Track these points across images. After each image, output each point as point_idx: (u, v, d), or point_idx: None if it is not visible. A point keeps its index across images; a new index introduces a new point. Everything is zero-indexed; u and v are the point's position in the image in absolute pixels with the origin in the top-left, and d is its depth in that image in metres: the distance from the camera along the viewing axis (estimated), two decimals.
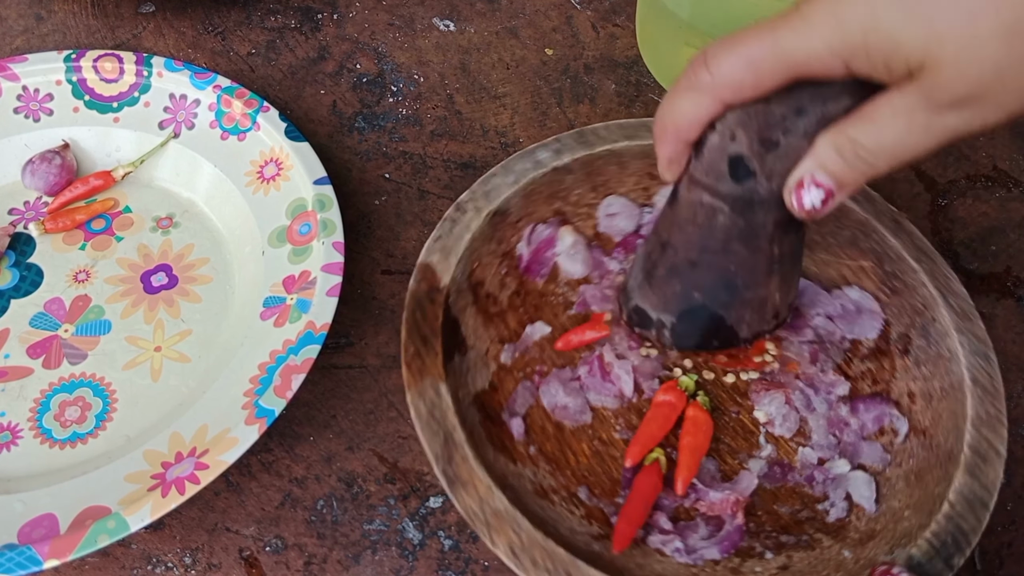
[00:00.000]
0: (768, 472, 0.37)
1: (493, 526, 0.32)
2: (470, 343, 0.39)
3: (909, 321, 0.39)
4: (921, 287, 0.38)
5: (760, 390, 0.39)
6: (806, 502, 0.37)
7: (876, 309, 0.40)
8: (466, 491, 0.33)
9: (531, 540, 0.32)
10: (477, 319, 0.40)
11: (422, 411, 0.35)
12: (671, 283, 0.37)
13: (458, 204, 0.40)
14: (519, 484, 0.36)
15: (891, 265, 0.40)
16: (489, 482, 0.33)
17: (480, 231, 0.40)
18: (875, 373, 0.39)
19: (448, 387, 0.35)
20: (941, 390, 0.37)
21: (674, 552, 0.35)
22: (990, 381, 0.36)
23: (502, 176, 0.41)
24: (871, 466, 0.37)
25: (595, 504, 0.37)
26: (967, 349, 0.36)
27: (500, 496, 0.33)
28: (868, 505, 0.36)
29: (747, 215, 0.33)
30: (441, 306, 0.38)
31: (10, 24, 0.54)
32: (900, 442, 0.37)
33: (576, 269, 0.43)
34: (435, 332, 0.37)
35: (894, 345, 0.39)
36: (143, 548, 0.37)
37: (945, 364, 0.37)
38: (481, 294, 0.40)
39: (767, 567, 0.35)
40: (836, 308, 0.40)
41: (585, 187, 0.43)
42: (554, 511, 0.35)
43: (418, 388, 0.35)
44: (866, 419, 0.38)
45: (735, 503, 0.36)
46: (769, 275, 0.36)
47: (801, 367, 0.39)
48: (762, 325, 0.38)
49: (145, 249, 0.44)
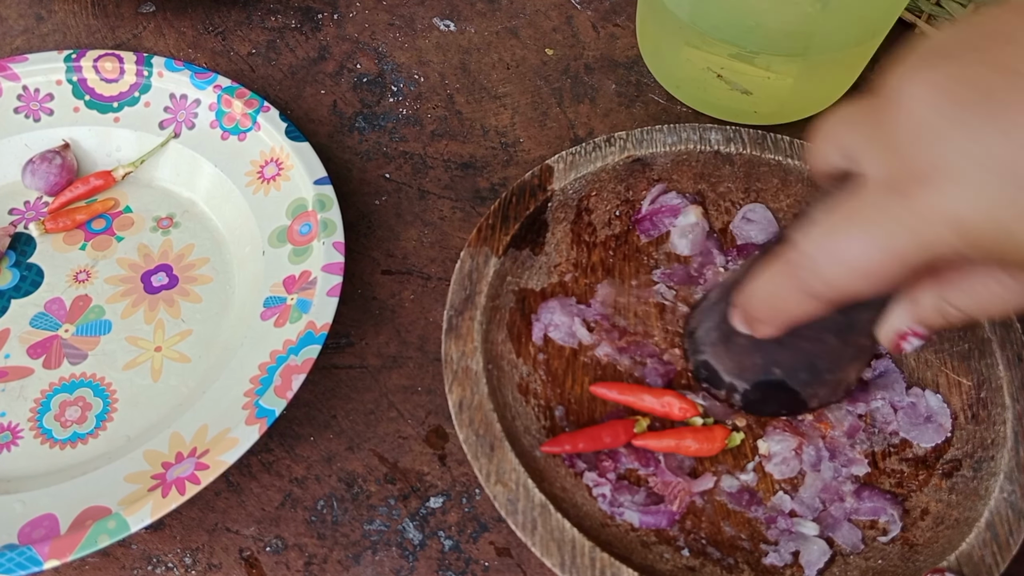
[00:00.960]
0: (735, 493, 0.37)
1: (459, 378, 0.36)
2: (547, 250, 0.41)
3: (970, 451, 0.37)
4: (1002, 425, 0.36)
5: (778, 427, 0.38)
6: (753, 536, 0.36)
7: (946, 426, 0.38)
8: (455, 343, 0.37)
9: (480, 402, 0.35)
10: (567, 236, 0.42)
11: (464, 268, 0.39)
12: (751, 355, 0.36)
13: (609, 137, 0.42)
14: (508, 370, 0.38)
15: (988, 393, 0.38)
16: (479, 347, 0.36)
17: (614, 167, 0.42)
18: (905, 478, 0.37)
19: (497, 263, 0.39)
20: (955, 520, 0.35)
21: (599, 496, 0.36)
22: (1007, 533, 0.33)
23: (665, 134, 0.42)
24: (839, 545, 0.35)
25: (562, 426, 0.38)
26: (1004, 495, 0.34)
27: (479, 361, 0.36)
28: (809, 571, 0.34)
29: (850, 313, 0.31)
30: (538, 203, 0.41)
31: (10, 24, 0.54)
32: (883, 541, 0.35)
33: (683, 246, 0.43)
34: (519, 217, 0.40)
35: (942, 465, 0.37)
36: (143, 548, 0.37)
37: (975, 500, 0.35)
38: (584, 219, 0.42)
39: (677, 561, 0.34)
40: (905, 404, 0.39)
41: (738, 184, 0.43)
42: (523, 408, 0.37)
43: (472, 249, 0.39)
44: (864, 506, 0.36)
45: (682, 492, 0.36)
46: (853, 361, 0.36)
47: (833, 431, 0.38)
48: (832, 398, 0.38)
49: (145, 249, 0.44)
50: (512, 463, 0.34)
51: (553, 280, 0.41)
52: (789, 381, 0.36)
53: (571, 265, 0.42)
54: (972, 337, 0.39)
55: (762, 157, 0.42)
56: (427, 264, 0.45)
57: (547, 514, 0.33)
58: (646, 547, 0.35)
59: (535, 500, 0.33)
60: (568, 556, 0.32)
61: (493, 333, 0.38)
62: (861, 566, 0.35)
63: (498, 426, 0.35)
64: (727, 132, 0.43)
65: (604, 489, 0.36)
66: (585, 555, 0.32)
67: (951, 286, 0.28)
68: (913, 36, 0.55)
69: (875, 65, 0.53)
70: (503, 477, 0.34)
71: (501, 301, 0.39)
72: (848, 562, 0.35)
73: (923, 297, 0.29)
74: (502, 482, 0.34)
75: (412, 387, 0.41)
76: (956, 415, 0.38)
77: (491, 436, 0.35)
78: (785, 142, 0.43)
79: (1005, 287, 0.26)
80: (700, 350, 0.38)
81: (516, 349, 0.39)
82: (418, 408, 0.41)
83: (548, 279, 0.41)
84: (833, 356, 0.35)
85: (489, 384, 0.36)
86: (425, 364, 0.42)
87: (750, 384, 0.37)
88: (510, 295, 0.40)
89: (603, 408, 0.39)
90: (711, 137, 0.43)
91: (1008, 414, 0.36)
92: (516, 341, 0.39)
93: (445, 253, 0.45)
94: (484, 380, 0.36)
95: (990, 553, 0.33)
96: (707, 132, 0.43)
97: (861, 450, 0.38)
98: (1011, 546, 0.33)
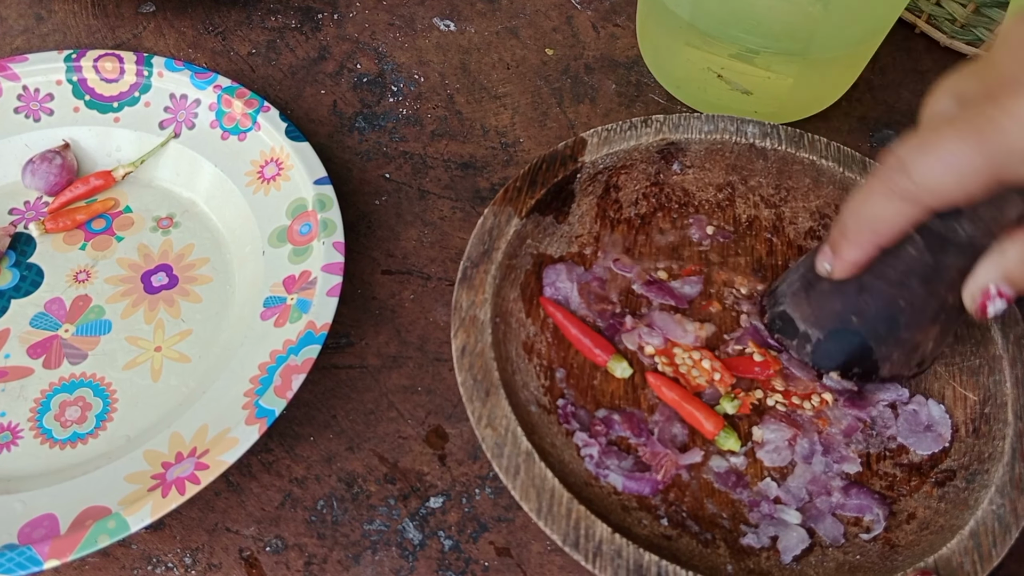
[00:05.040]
0: (722, 473, 0.37)
1: (466, 325, 0.37)
2: (570, 220, 0.42)
3: (966, 463, 0.37)
4: (1001, 440, 0.36)
5: (776, 417, 0.38)
6: (734, 517, 0.36)
7: (946, 436, 0.38)
8: (467, 293, 0.38)
9: (482, 350, 0.36)
10: (592, 210, 0.43)
11: (485, 224, 0.39)
12: (831, 300, 0.35)
13: (646, 119, 0.43)
14: (516, 327, 0.39)
15: (992, 409, 0.37)
16: (489, 300, 0.37)
17: (647, 148, 0.42)
18: (897, 481, 0.37)
19: (519, 224, 0.40)
20: (940, 527, 0.35)
21: (586, 456, 0.36)
22: (990, 546, 0.33)
23: (702, 122, 0.43)
24: (819, 536, 0.35)
25: (559, 387, 0.38)
26: (992, 508, 0.34)
27: (487, 312, 0.37)
28: (785, 556, 0.35)
29: (938, 254, 0.31)
30: (567, 173, 0.41)
31: (10, 24, 0.54)
32: (864, 538, 0.35)
33: (700, 236, 0.44)
34: (546, 183, 0.41)
35: (936, 473, 0.37)
36: (143, 548, 0.37)
37: (963, 510, 0.35)
38: (611, 195, 0.43)
39: (654, 529, 0.35)
40: (907, 411, 0.39)
41: (770, 180, 0.44)
42: (525, 364, 0.38)
43: (496, 208, 0.40)
44: (850, 503, 0.36)
45: (668, 463, 0.36)
46: (933, 322, 0.34)
47: (830, 427, 0.38)
48: (903, 369, 0.37)
49: (145, 249, 0.44)
50: (504, 410, 0.35)
51: (572, 250, 0.42)
52: (865, 333, 0.35)
53: (592, 238, 0.43)
54: (984, 353, 0.39)
55: (797, 155, 0.42)
56: (427, 264, 0.45)
57: (531, 462, 0.34)
58: (626, 511, 0.35)
59: (521, 447, 0.34)
60: (546, 504, 0.33)
61: (506, 290, 0.39)
62: (838, 558, 0.35)
63: (496, 375, 0.36)
64: (764, 127, 0.43)
65: (592, 450, 0.37)
66: (563, 505, 0.33)
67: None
68: (913, 36, 0.55)
69: (875, 65, 0.53)
70: (494, 422, 0.35)
71: (518, 261, 0.40)
72: (826, 553, 0.35)
73: (1011, 248, 0.28)
74: (492, 426, 0.34)
75: (412, 387, 0.41)
76: (957, 428, 0.38)
77: (488, 383, 0.36)
78: (822, 143, 0.43)
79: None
80: (779, 302, 0.38)
81: (526, 309, 0.40)
82: (418, 408, 0.41)
83: (568, 248, 0.42)
84: (915, 308, 0.33)
85: (494, 335, 0.37)
86: (425, 364, 0.42)
87: (824, 333, 0.36)
88: (528, 257, 0.41)
89: (603, 377, 0.39)
90: (748, 130, 0.43)
91: (1009, 430, 0.36)
92: (528, 302, 0.40)
93: (445, 253, 0.45)
94: (489, 330, 0.37)
95: (970, 561, 0.33)
96: (744, 124, 0.43)
97: (856, 450, 0.38)
98: (993, 557, 0.33)
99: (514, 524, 0.38)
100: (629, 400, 0.39)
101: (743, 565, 0.34)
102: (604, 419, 0.38)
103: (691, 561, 0.34)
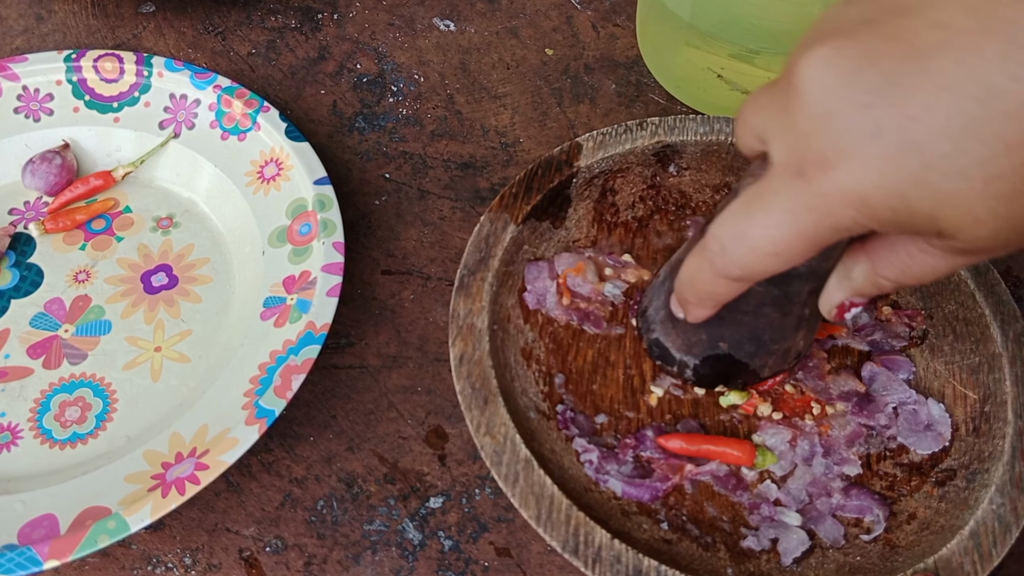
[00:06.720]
0: (722, 476, 0.37)
1: (463, 333, 0.37)
2: (567, 225, 0.42)
3: (967, 462, 0.37)
4: (1001, 439, 0.36)
5: (776, 422, 0.38)
6: (734, 520, 0.36)
7: (946, 435, 0.38)
8: (464, 301, 0.38)
9: (480, 358, 0.36)
10: (588, 214, 0.43)
11: (482, 231, 0.39)
12: (696, 331, 0.36)
13: (641, 121, 0.43)
14: (514, 334, 0.39)
15: (992, 407, 0.37)
16: (486, 307, 0.37)
17: (643, 151, 0.42)
18: (897, 482, 0.37)
19: (515, 230, 0.40)
20: (940, 527, 0.35)
21: (586, 461, 0.36)
22: (990, 544, 0.33)
23: (698, 124, 0.43)
24: (820, 538, 0.35)
25: (559, 392, 0.38)
26: (992, 507, 0.34)
27: (484, 320, 0.37)
28: (785, 558, 0.35)
29: (782, 286, 0.32)
30: (562, 178, 0.41)
31: (10, 24, 0.54)
32: (865, 539, 0.35)
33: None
34: (542, 189, 0.41)
35: (936, 473, 0.37)
36: (143, 548, 0.37)
37: (963, 510, 0.35)
38: (608, 199, 0.43)
39: (654, 533, 0.35)
40: (907, 410, 0.39)
41: None
42: (523, 371, 0.38)
43: (492, 215, 0.40)
44: (851, 504, 0.36)
45: (677, 470, 0.36)
46: (796, 330, 0.35)
47: (831, 432, 0.38)
48: (783, 366, 0.38)
49: (145, 249, 0.44)
50: (503, 418, 0.35)
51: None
52: (736, 354, 0.36)
53: (589, 242, 0.43)
54: (983, 351, 0.39)
55: None
56: (427, 264, 0.45)
57: (530, 469, 0.34)
58: (626, 515, 0.35)
59: (520, 455, 0.34)
60: (545, 510, 0.33)
61: (503, 297, 0.39)
62: (839, 560, 0.35)
63: (494, 382, 0.36)
64: None
65: (591, 456, 0.36)
66: (562, 511, 0.33)
67: (878, 257, 0.28)
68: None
69: None
70: (492, 430, 0.35)
71: (515, 268, 0.40)
72: (826, 555, 0.35)
73: (855, 270, 0.29)
74: (491, 434, 0.34)
75: (412, 387, 0.41)
76: (957, 427, 0.38)
77: (486, 391, 0.36)
78: None
79: (928, 254, 0.26)
80: (651, 328, 0.39)
81: (524, 315, 0.40)
82: (418, 408, 0.41)
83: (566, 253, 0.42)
84: (775, 328, 0.35)
85: (492, 343, 0.37)
86: (425, 364, 0.42)
87: (699, 359, 0.37)
88: (525, 263, 0.41)
89: (602, 381, 0.39)
90: None
91: (1009, 429, 0.36)
92: (525, 308, 0.40)
93: (445, 253, 0.45)
94: (487, 338, 0.37)
95: (970, 561, 0.33)
96: None
97: (856, 451, 0.38)
98: (993, 557, 0.33)
99: (514, 524, 0.38)
100: (628, 404, 0.39)
101: (743, 568, 0.34)
102: (637, 435, 0.37)
103: (691, 565, 0.34)
